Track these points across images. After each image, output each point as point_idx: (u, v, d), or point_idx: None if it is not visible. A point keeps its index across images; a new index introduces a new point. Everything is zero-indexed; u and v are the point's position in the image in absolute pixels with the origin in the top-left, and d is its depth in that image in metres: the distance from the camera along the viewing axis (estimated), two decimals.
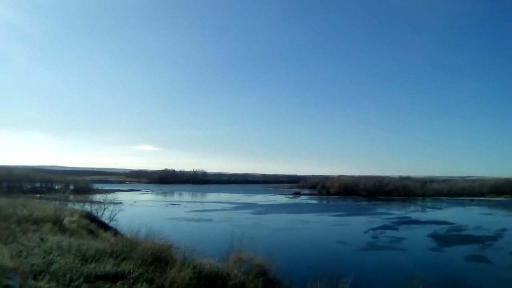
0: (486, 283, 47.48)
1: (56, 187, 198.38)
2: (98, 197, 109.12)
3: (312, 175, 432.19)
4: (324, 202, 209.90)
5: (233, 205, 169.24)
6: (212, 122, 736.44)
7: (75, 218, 49.01)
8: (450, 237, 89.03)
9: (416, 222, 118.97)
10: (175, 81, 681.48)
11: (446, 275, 54.35)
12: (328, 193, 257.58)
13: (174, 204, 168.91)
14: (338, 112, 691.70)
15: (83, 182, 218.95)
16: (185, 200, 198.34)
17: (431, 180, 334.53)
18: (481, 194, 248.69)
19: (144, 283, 22.38)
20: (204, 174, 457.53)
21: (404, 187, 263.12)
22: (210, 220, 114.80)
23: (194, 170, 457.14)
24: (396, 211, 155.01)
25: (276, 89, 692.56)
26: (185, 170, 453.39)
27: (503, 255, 67.75)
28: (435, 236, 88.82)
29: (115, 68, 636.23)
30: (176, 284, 23.24)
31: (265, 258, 38.05)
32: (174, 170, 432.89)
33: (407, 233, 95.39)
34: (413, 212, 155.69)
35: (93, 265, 23.02)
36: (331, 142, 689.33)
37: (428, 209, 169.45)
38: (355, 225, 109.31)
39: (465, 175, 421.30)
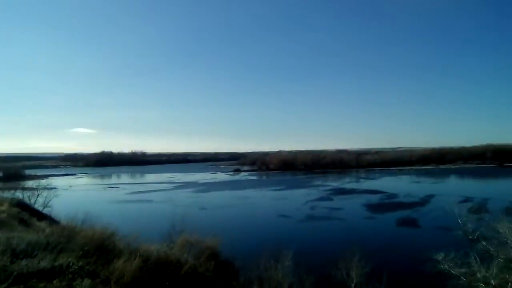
0: (417, 246, 50.68)
1: None
2: (30, 183, 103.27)
3: (252, 152, 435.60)
4: (264, 177, 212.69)
5: (174, 185, 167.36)
6: (150, 102, 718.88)
7: (4, 207, 45.99)
8: (383, 205, 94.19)
9: (351, 192, 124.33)
10: (111, 62, 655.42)
11: (380, 241, 57.41)
12: (268, 169, 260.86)
13: (113, 187, 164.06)
14: (277, 87, 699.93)
15: (13, 169, 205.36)
16: (124, 182, 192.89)
17: (365, 152, 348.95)
18: (410, 163, 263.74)
19: (85, 278, 20.16)
20: (143, 154, 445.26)
21: (340, 160, 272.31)
22: (151, 201, 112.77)
23: (133, 151, 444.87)
24: (333, 183, 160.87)
25: (216, 69, 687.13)
26: (123, 151, 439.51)
27: (430, 219, 72.49)
28: (369, 205, 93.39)
29: (46, 47, 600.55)
30: (124, 277, 21.42)
31: (213, 239, 37.98)
32: (111, 152, 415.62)
33: (343, 203, 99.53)
34: (348, 183, 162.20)
35: (25, 261, 20.55)
36: (269, 118, 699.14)
37: (362, 180, 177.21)
38: (294, 198, 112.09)
39: (395, 146, 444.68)
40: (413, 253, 44.35)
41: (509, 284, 21.03)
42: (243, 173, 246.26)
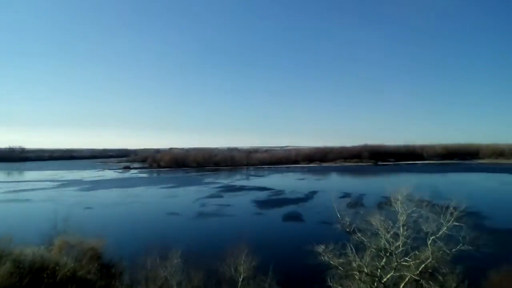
0: (301, 239, 53.52)
1: None
2: None
3: (143, 149, 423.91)
4: (155, 175, 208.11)
5: (57, 183, 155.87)
6: (31, 91, 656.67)
7: None
8: (271, 201, 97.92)
9: (241, 189, 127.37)
10: None
11: (268, 236, 59.70)
12: (159, 166, 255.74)
13: None
14: (168, 83, 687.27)
15: None
16: None
17: (255, 150, 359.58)
18: (296, 161, 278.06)
19: None
20: (22, 150, 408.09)
21: (231, 158, 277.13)
22: (30, 200, 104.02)
23: (10, 146, 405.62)
24: (223, 180, 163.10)
25: (104, 58, 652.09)
26: None
27: (313, 214, 77.21)
28: (257, 201, 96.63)
29: None
30: None
31: (97, 239, 36.15)
32: None
33: (233, 200, 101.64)
34: (239, 180, 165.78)
35: None
36: (162, 114, 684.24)
37: (252, 177, 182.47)
38: (185, 196, 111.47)
39: (283, 145, 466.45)
40: (298, 246, 46.79)
41: (379, 270, 23.46)
42: (133, 171, 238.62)
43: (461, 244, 22.19)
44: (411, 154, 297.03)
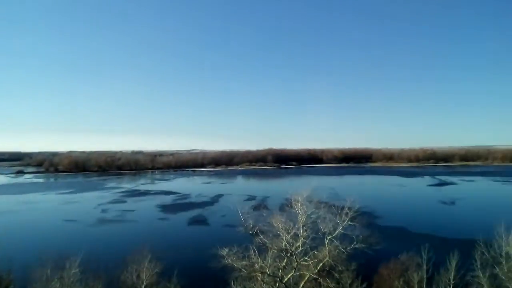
0: (205, 243, 53.32)
1: None
2: None
3: (39, 152, 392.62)
4: (52, 180, 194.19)
5: None
6: None
7: None
8: (176, 205, 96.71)
9: (145, 193, 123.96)
10: None
11: (172, 240, 59.05)
12: (57, 171, 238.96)
13: None
14: (70, 82, 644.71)
15: None
16: None
17: (161, 153, 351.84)
18: (203, 165, 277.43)
19: None
20: None
21: (135, 161, 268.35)
22: None
23: None
24: (127, 185, 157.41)
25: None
26: None
27: (218, 217, 77.89)
28: (162, 206, 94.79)
29: None
30: None
31: None
32: None
33: (136, 205, 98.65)
34: (143, 184, 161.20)
35: None
36: (59, 115, 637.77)
37: (157, 181, 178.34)
38: (85, 202, 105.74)
39: (190, 148, 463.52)
40: (202, 250, 46.70)
41: (280, 271, 24.21)
42: (27, 175, 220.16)
43: (355, 242, 23.78)
44: (312, 157, 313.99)
